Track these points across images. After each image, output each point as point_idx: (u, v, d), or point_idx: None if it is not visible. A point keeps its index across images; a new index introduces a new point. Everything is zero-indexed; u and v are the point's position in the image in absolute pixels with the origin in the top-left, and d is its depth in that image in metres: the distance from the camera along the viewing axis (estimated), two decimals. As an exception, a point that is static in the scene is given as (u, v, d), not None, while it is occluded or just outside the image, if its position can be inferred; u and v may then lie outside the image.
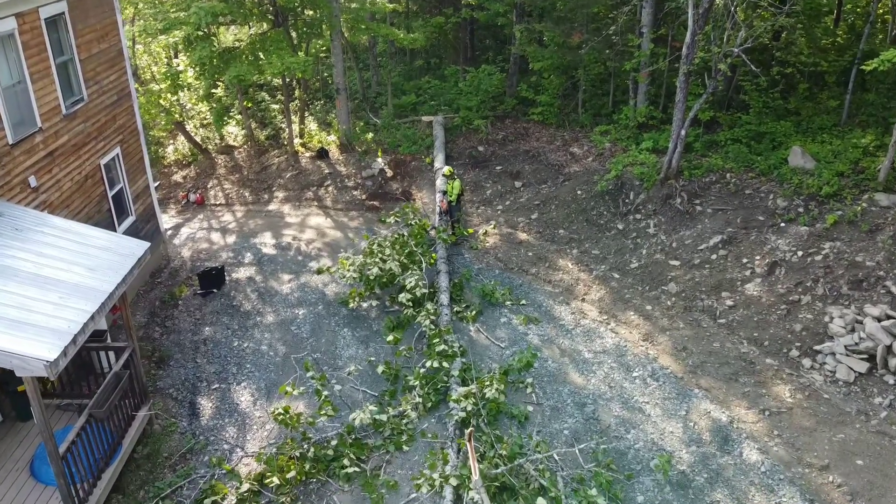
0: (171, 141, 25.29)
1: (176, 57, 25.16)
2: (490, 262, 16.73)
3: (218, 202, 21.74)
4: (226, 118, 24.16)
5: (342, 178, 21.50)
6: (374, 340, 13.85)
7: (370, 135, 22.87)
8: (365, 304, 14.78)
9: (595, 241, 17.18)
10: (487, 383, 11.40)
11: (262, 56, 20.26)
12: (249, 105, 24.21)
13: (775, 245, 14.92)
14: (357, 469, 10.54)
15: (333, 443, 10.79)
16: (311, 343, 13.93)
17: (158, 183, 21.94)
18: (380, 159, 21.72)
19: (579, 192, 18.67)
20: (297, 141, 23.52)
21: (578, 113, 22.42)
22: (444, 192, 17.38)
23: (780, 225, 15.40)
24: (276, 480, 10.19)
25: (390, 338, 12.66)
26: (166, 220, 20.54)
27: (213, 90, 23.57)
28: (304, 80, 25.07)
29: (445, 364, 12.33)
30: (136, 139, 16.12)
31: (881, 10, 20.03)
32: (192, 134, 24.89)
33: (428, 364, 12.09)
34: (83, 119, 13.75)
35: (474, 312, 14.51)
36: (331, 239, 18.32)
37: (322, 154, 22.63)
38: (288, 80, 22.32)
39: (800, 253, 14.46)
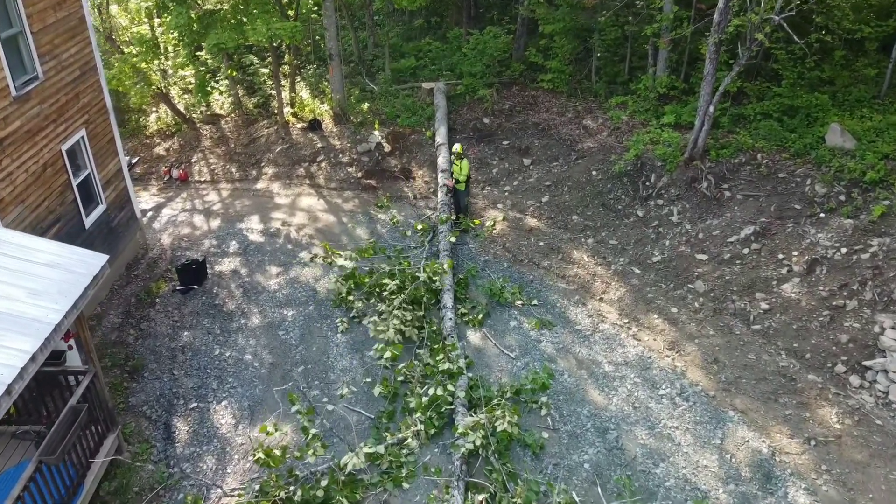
0: (154, 108, 23.51)
1: (158, 17, 23.21)
2: (497, 254, 15.26)
3: (202, 178, 20.17)
4: (210, 87, 22.33)
5: (336, 153, 19.86)
6: (370, 346, 12.44)
7: (366, 104, 21.12)
8: (359, 304, 13.39)
9: (612, 229, 15.67)
10: (499, 413, 10.05)
11: (245, 20, 18.40)
12: (234, 73, 22.35)
13: (815, 239, 13.43)
14: (350, 514, 9.29)
15: (324, 482, 9.48)
16: (301, 352, 12.56)
17: (138, 159, 20.31)
18: (376, 132, 20.05)
19: (594, 173, 17.07)
20: (287, 110, 21.79)
21: (592, 81, 20.63)
22: (452, 173, 15.84)
23: (819, 215, 13.88)
24: (258, 529, 8.93)
25: (387, 354, 11.25)
26: (146, 200, 19.03)
27: (198, 53, 21.70)
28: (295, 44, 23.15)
29: (450, 387, 10.96)
30: (105, 118, 14.48)
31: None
32: (176, 102, 23.11)
33: (431, 391, 10.69)
34: (39, 100, 12.13)
35: (481, 315, 13.11)
36: (323, 224, 16.80)
37: (314, 126, 20.93)
38: (276, 44, 20.46)
39: (843, 250, 12.98)
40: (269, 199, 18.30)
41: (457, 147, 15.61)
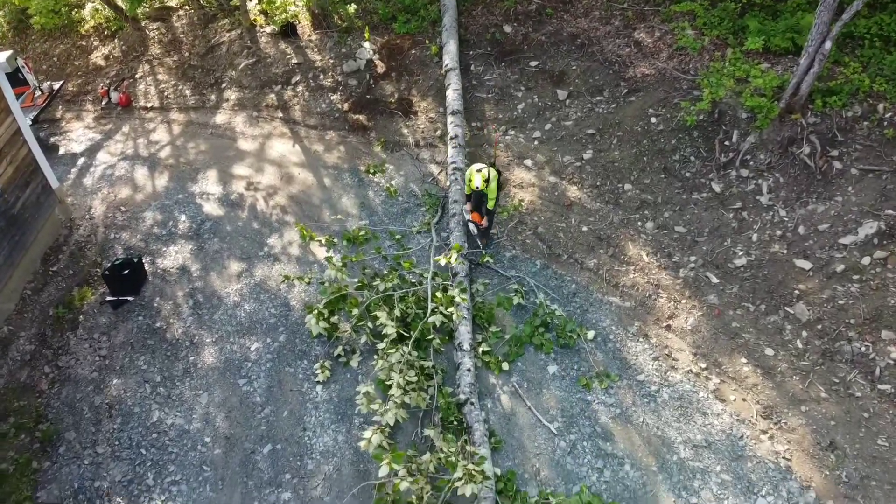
0: (88, -2, 18.64)
1: None
2: (527, 244, 11.61)
3: (149, 104, 15.96)
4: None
5: (316, 73, 15.51)
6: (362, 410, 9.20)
7: (352, 5, 16.38)
8: (345, 332, 10.03)
9: (679, 208, 11.88)
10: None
11: None
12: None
13: (969, 252, 9.78)
14: None
15: None
16: (268, 417, 9.35)
17: (63, 82, 16.01)
18: (367, 44, 15.56)
19: (653, 121, 12.95)
20: (254, 5, 17.07)
21: (646, -29, 15.77)
22: (468, 198, 10.96)
23: (974, 211, 10.13)
24: None
25: (384, 469, 7.91)
26: (78, 136, 15.06)
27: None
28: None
29: (473, 487, 7.80)
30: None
31: None
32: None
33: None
34: None
35: (508, 359, 9.76)
36: (300, 188, 12.98)
37: (288, 31, 16.36)
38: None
39: None
40: (232, 143, 14.29)
41: (478, 182, 10.27)
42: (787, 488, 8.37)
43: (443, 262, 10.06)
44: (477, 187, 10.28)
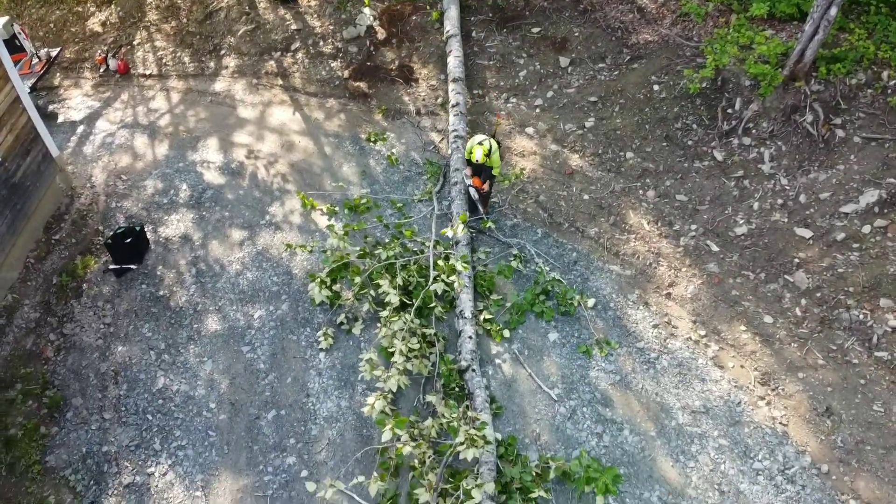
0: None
1: None
2: (529, 211, 11.63)
3: (147, 71, 15.82)
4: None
5: (315, 40, 15.37)
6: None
7: (352, -31, 16.16)
8: (347, 300, 10.11)
9: (680, 176, 11.88)
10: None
11: None
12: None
13: (970, 220, 9.81)
14: None
15: None
16: (272, 383, 9.46)
17: (61, 49, 15.85)
18: (367, 10, 15.39)
19: (656, 88, 12.87)
20: (251, -30, 16.82)
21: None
22: (469, 163, 10.87)
23: (975, 180, 10.14)
24: None
25: (387, 434, 8.02)
26: (77, 104, 14.94)
27: None
28: None
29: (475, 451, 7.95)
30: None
31: None
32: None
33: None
34: None
35: (509, 327, 9.85)
36: (301, 155, 12.95)
37: (287, -3, 16.17)
38: None
39: None
40: (231, 111, 14.21)
41: (478, 155, 10.33)
42: (783, 453, 8.51)
43: (450, 233, 10.07)
44: (478, 160, 10.27)
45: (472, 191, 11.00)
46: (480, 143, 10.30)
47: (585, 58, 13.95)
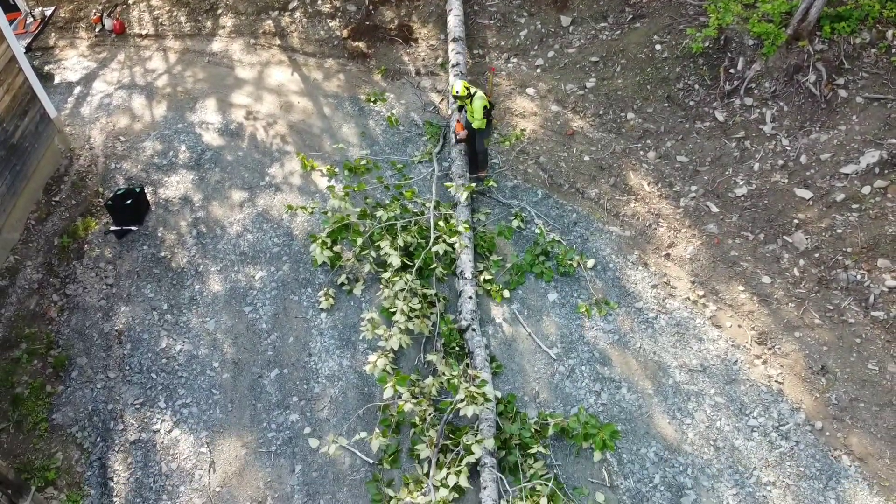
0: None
1: None
2: (529, 173, 11.62)
3: (143, 31, 15.63)
4: None
5: (314, -1, 15.17)
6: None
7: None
8: (348, 261, 10.18)
9: (681, 137, 11.83)
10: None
11: None
12: None
13: (969, 181, 9.82)
14: None
15: None
16: (274, 344, 9.56)
17: (55, 8, 15.64)
18: (366, -32, 15.14)
19: (658, 48, 12.75)
20: (247, -73, 16.49)
21: None
22: (461, 109, 10.84)
23: (976, 141, 10.12)
24: None
25: (388, 391, 8.14)
26: (73, 65, 14.79)
27: None
28: None
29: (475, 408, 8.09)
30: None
31: None
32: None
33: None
34: None
35: (509, 287, 9.92)
36: (300, 116, 12.87)
37: (283, -46, 15.86)
38: None
39: None
40: (230, 71, 14.08)
41: (458, 87, 10.28)
42: (778, 410, 8.66)
43: (454, 192, 10.16)
44: (457, 92, 10.20)
45: (452, 136, 11.01)
46: (466, 86, 10.27)
47: (587, 17, 13.79)
